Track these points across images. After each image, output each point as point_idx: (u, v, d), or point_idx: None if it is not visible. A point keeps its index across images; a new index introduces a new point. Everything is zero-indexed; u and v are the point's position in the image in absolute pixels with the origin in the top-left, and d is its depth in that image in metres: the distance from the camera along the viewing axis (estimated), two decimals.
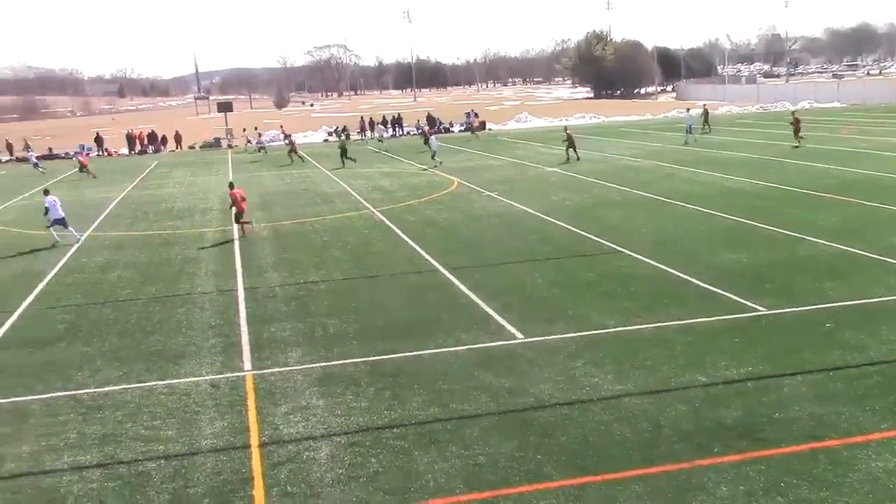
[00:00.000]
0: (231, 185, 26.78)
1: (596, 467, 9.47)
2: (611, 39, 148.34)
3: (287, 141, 53.88)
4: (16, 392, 12.90)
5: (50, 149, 70.96)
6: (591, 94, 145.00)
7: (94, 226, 29.19)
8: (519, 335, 14.36)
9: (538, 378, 12.31)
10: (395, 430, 10.79)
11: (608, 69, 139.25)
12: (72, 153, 68.42)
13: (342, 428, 10.92)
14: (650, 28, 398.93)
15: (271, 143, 63.92)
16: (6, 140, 71.94)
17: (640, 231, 22.72)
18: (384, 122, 70.33)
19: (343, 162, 46.39)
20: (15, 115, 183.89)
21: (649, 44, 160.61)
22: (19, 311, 17.85)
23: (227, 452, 10.37)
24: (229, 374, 13.21)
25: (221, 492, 9.38)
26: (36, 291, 19.53)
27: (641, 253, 19.94)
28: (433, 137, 46.97)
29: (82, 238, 26.15)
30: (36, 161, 55.89)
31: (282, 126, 70.80)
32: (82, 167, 49.51)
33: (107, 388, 12.85)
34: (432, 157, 43.59)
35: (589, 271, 18.65)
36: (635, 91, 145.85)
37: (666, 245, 20.76)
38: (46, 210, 25.64)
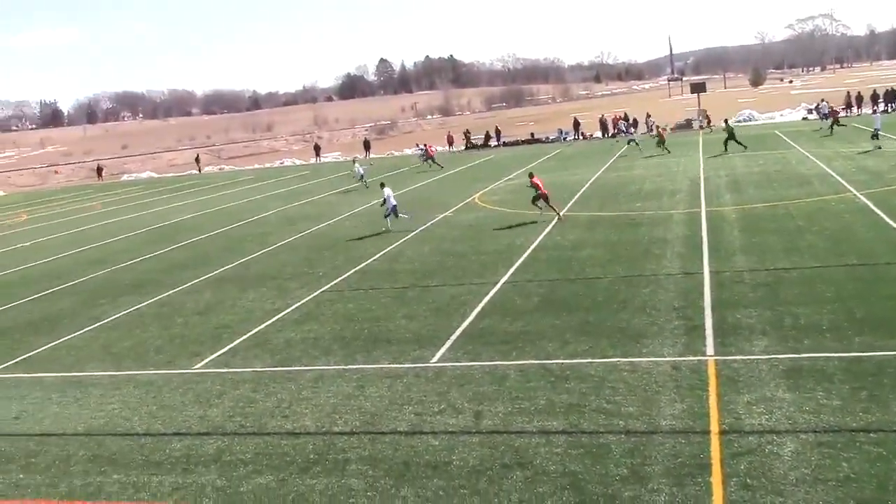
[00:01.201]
0: (531, 175, 29.37)
1: None
2: None
3: (657, 129, 53.33)
4: (495, 357, 14.16)
5: (532, 134, 76.59)
6: None
7: (567, 206, 30.84)
8: None
9: None
10: (871, 434, 9.80)
11: None
12: (550, 138, 73.08)
13: (810, 425, 10.20)
14: None
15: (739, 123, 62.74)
16: (496, 126, 79.21)
17: None
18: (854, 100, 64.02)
19: (726, 147, 44.02)
20: (504, 104, 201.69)
21: None
22: (501, 281, 19.54)
23: (685, 435, 10.29)
24: (691, 358, 13.08)
25: (678, 474, 9.33)
26: (516, 265, 21.22)
27: None
28: (877, 115, 42.14)
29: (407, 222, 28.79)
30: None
31: (705, 111, 68.45)
32: (429, 157, 55.56)
33: (574, 361, 13.51)
34: (873, 137, 39.19)
35: None
36: None
37: None
38: (384, 201, 29.38)
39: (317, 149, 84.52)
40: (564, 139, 71.46)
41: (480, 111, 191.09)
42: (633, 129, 61.66)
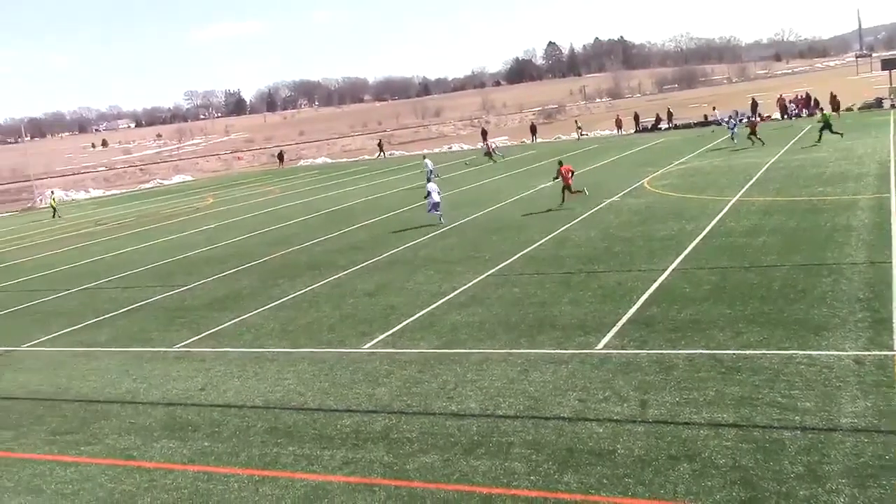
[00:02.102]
0: (560, 163, 31.96)
1: None
2: None
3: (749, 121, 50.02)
4: (662, 345, 13.82)
5: (705, 116, 74.04)
6: None
7: (742, 191, 29.63)
8: None
9: None
10: None
11: None
12: (725, 120, 70.32)
13: None
14: None
15: None
16: (668, 108, 77.06)
17: None
18: None
19: (820, 136, 42.90)
20: (675, 85, 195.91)
21: None
22: (670, 268, 19.03)
23: (868, 434, 9.69)
24: (876, 353, 12.28)
25: (860, 475, 8.80)
26: (686, 251, 20.61)
27: None
28: None
29: (440, 222, 30.67)
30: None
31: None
32: (488, 152, 58.55)
33: (746, 352, 12.99)
34: None
35: None
36: None
37: None
38: (428, 194, 31.12)
39: (484, 133, 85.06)
40: (740, 121, 68.47)
41: (651, 93, 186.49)
42: (734, 120, 58.37)
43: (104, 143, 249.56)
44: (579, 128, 77.46)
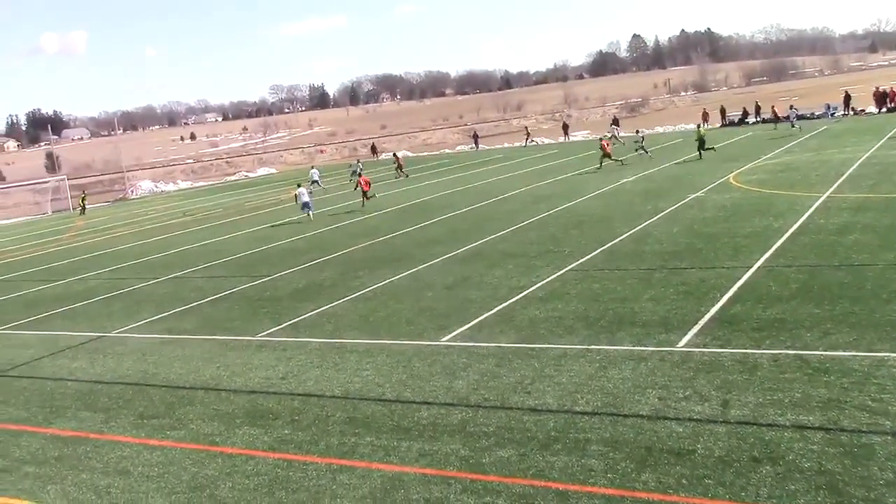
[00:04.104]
0: (360, 174, 41.37)
1: None
2: None
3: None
4: (746, 344, 13.48)
5: (774, 111, 71.88)
6: None
7: (833, 187, 28.71)
8: None
9: None
10: None
11: None
12: (816, 114, 68.23)
13: None
14: None
15: None
16: (756, 102, 75.15)
17: None
18: None
19: (700, 154, 43.45)
20: (765, 78, 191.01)
21: None
22: (756, 266, 18.56)
23: None
24: None
25: None
26: (773, 248, 20.07)
27: None
28: None
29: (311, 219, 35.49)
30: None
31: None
32: (399, 165, 58.99)
33: (834, 353, 12.58)
34: None
35: None
36: None
37: None
38: (296, 198, 38.29)
39: (565, 127, 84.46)
40: (832, 115, 66.36)
41: (738, 86, 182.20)
42: (642, 132, 56.21)
43: (192, 137, 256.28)
44: (528, 134, 78.53)
